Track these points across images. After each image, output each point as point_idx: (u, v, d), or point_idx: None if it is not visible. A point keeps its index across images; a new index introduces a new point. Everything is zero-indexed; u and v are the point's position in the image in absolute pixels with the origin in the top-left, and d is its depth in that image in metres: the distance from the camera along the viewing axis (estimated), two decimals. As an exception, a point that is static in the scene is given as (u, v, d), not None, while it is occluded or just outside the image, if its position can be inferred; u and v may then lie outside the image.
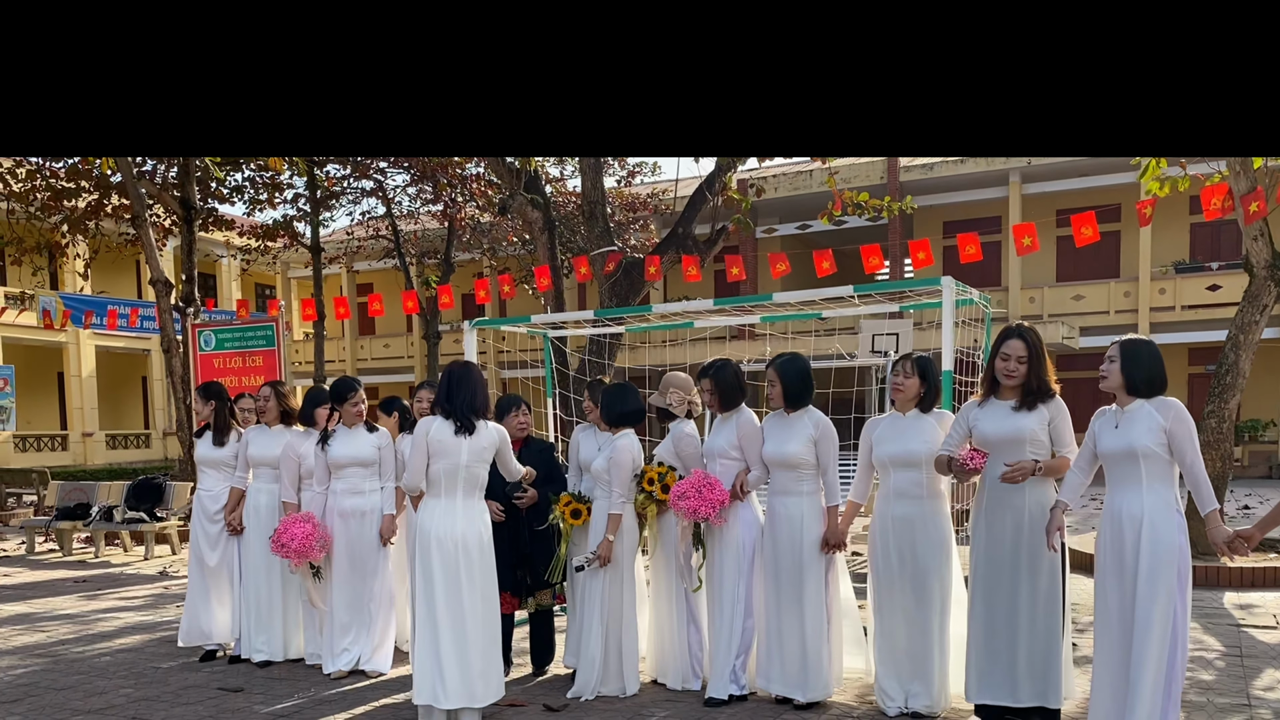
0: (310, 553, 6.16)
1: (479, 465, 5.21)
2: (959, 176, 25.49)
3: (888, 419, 5.42)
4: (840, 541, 5.42)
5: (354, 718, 5.41)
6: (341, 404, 6.34)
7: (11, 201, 18.37)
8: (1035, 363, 4.85)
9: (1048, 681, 4.84)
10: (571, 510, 5.87)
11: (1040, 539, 4.78)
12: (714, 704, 5.47)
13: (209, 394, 7.01)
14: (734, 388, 5.73)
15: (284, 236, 22.69)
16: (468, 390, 5.18)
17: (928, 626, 5.20)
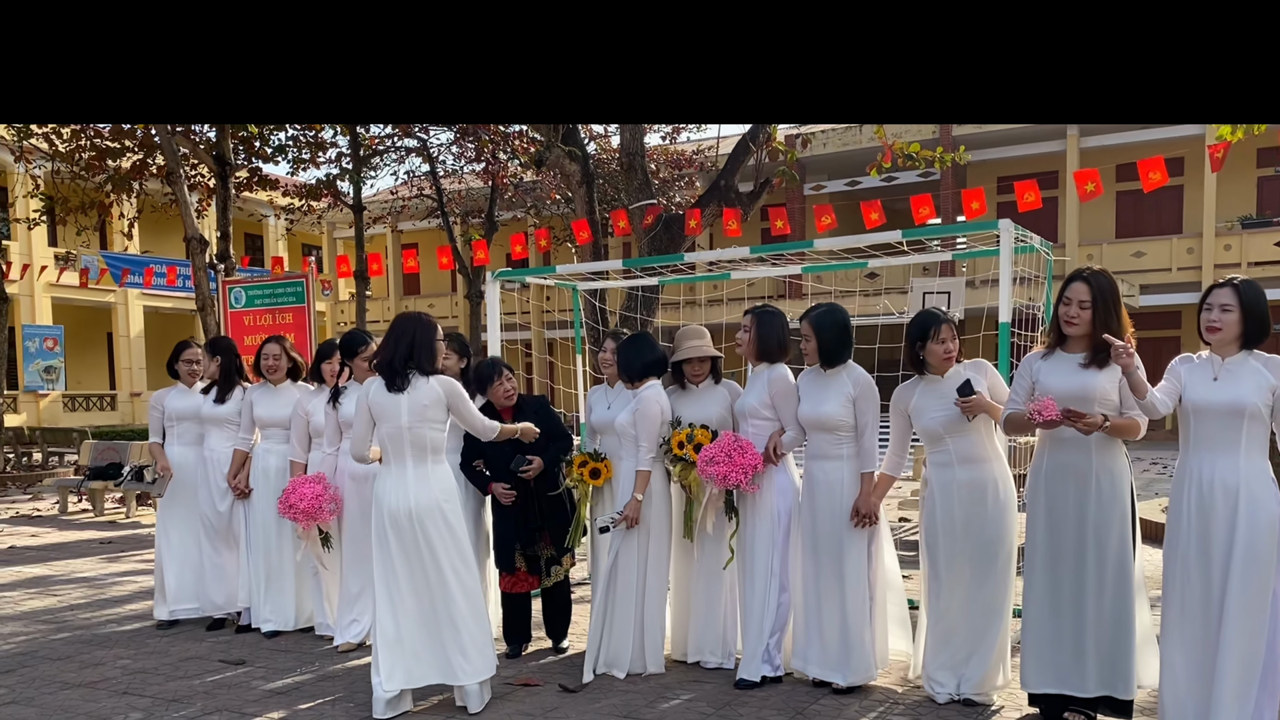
0: (320, 514, 5.71)
1: (424, 426, 4.65)
2: (1015, 130, 24.46)
3: (923, 385, 4.80)
4: (871, 513, 4.86)
5: (355, 695, 4.97)
6: (351, 359, 5.87)
7: (57, 161, 18.21)
8: (1101, 310, 4.22)
9: (1116, 669, 4.25)
10: (590, 471, 5.35)
11: (1109, 510, 4.19)
12: (745, 686, 4.96)
13: (215, 349, 6.57)
14: (776, 337, 5.16)
15: (327, 196, 22.40)
16: (402, 342, 4.63)
17: (991, 605, 4.63)
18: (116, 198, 19.26)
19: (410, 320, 4.74)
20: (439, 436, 4.72)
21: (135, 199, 19.86)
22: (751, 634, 5.06)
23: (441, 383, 4.71)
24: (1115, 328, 4.19)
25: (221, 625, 6.44)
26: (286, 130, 20.36)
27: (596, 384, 5.76)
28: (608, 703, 4.78)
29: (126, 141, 17.60)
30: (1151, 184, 8.35)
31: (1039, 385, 4.37)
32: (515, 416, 5.61)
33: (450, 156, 24.57)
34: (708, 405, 5.29)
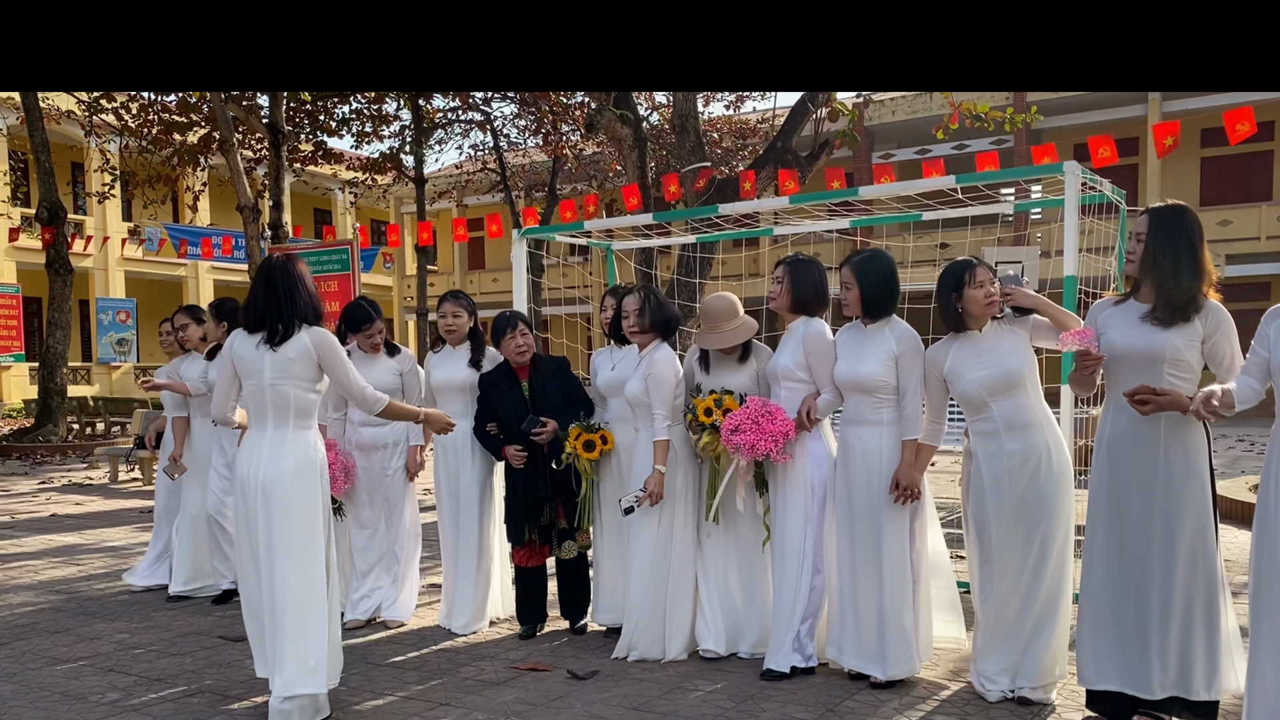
0: (334, 483, 5.22)
1: (288, 383, 3.96)
2: (1086, 97, 23.25)
3: (959, 343, 4.18)
4: (913, 486, 4.27)
5: (350, 677, 4.55)
6: (356, 334, 5.39)
7: (126, 136, 18.24)
8: (1156, 245, 3.58)
9: (1189, 668, 3.62)
10: (584, 443, 4.85)
11: (1182, 486, 3.56)
12: (772, 677, 4.42)
13: (220, 313, 6.12)
14: (813, 287, 4.57)
15: (391, 169, 22.19)
16: (271, 290, 3.97)
17: (1049, 591, 4.03)
18: (182, 171, 19.27)
19: (275, 265, 4.08)
20: (306, 398, 4.02)
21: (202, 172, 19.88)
22: (781, 620, 4.51)
23: (313, 335, 4.02)
24: (1184, 273, 3.55)
25: (230, 597, 6.07)
26: (350, 103, 20.20)
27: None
28: (618, 692, 4.29)
29: (193, 116, 17.54)
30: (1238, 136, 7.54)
31: (1104, 340, 3.74)
32: (531, 376, 5.15)
33: (515, 130, 24.24)
34: (733, 375, 4.75)
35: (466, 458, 5.32)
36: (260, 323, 3.98)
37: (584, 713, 4.04)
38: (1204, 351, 3.61)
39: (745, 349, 4.76)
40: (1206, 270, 3.62)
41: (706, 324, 4.71)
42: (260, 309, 3.98)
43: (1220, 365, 3.61)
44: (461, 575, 5.30)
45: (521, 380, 5.16)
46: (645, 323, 4.81)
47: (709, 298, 4.78)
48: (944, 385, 4.23)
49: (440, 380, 5.36)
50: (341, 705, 4.17)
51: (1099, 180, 5.13)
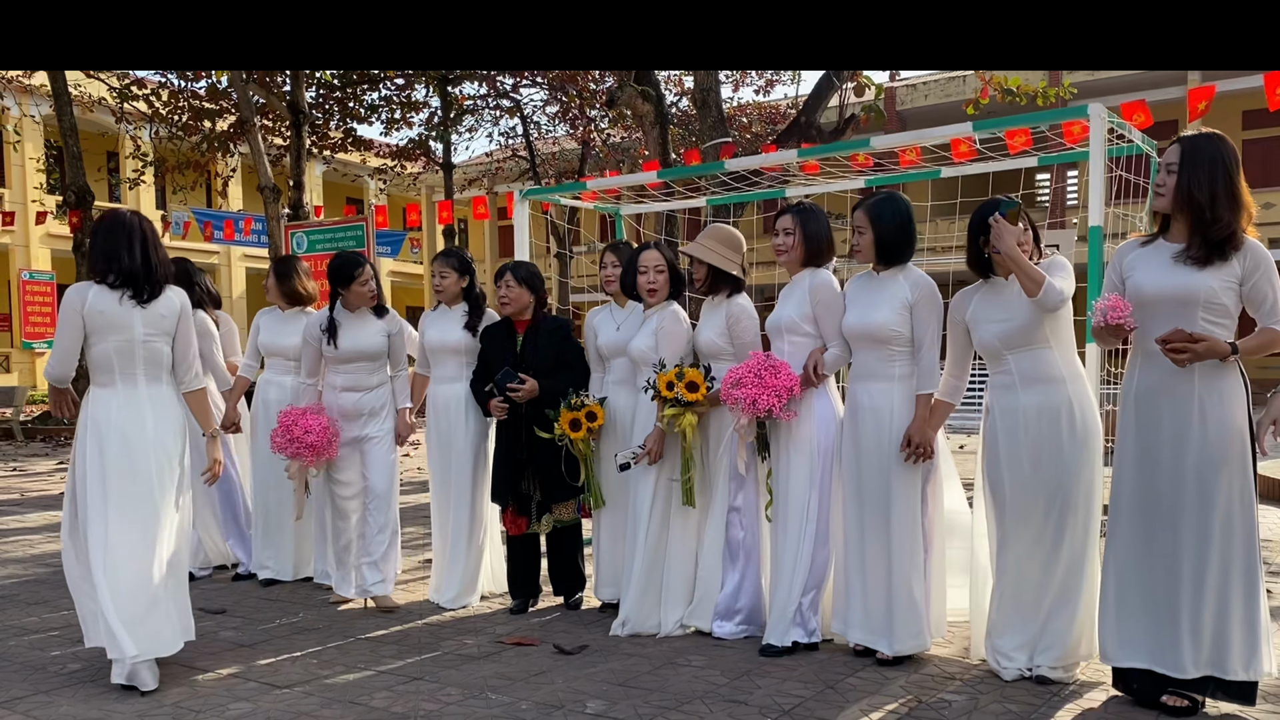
0: (330, 449, 4.91)
1: (160, 339, 3.92)
2: (1130, 76, 22.63)
3: (981, 291, 3.83)
4: (926, 444, 3.91)
5: (324, 651, 4.28)
6: (348, 286, 5.01)
7: (157, 123, 18.18)
8: (1191, 176, 3.21)
9: (1225, 643, 3.25)
10: (570, 422, 4.53)
11: (1218, 444, 3.19)
12: (771, 653, 4.08)
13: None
14: (825, 236, 4.25)
15: (420, 157, 22.02)
16: (142, 246, 3.86)
17: (1071, 561, 3.66)
18: (212, 157, 19.19)
19: (136, 220, 3.95)
20: (171, 355, 3.99)
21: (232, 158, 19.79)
22: (781, 592, 4.16)
23: (178, 294, 4.02)
24: (1222, 205, 3.19)
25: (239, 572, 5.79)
26: (379, 90, 20.05)
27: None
28: (605, 668, 3.97)
29: (223, 103, 17.44)
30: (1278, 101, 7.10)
31: (1130, 284, 3.37)
32: (527, 331, 4.86)
33: (545, 118, 23.99)
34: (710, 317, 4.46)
35: (460, 422, 5.02)
36: (131, 278, 3.86)
37: (565, 688, 3.73)
38: (1243, 294, 3.23)
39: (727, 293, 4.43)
40: (1245, 203, 3.24)
41: (701, 236, 4.40)
42: (130, 264, 3.86)
43: (1261, 309, 3.23)
44: (452, 546, 5.01)
45: (518, 335, 4.87)
46: (664, 279, 4.53)
47: (723, 225, 4.50)
48: (968, 335, 3.87)
49: (434, 341, 5.07)
50: (311, 678, 3.89)
51: (1128, 127, 4.73)
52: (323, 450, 4.88)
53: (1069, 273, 3.72)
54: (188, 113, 17.91)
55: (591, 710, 3.48)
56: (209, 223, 14.94)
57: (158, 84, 18.11)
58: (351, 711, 3.51)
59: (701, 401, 4.27)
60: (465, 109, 22.57)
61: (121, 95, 17.76)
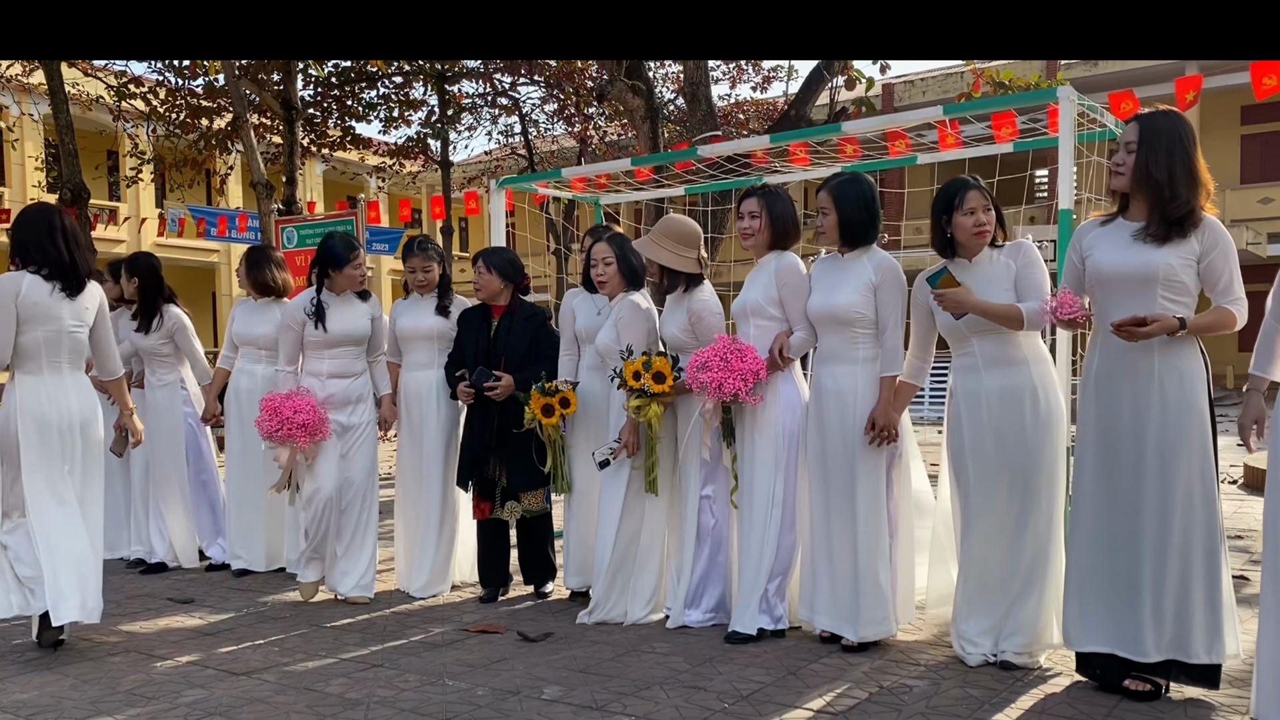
0: (321, 429, 4.74)
1: (83, 330, 4.12)
2: (1128, 72, 22.49)
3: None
4: (890, 427, 3.85)
5: (287, 639, 4.23)
6: (340, 268, 4.87)
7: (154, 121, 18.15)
8: (1150, 154, 3.17)
9: (1188, 626, 3.20)
10: (543, 407, 4.46)
11: (1178, 423, 3.14)
12: (737, 640, 4.02)
13: (134, 270, 5.67)
14: (792, 219, 4.19)
15: (419, 155, 21.98)
16: (71, 240, 4.03)
17: (1036, 545, 3.60)
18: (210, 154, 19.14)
19: (60, 214, 4.14)
20: (87, 345, 4.20)
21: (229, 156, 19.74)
22: (747, 578, 4.10)
23: (96, 287, 4.22)
24: (1180, 183, 3.15)
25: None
26: (377, 89, 20.02)
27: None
28: (568, 655, 3.91)
29: (220, 101, 17.39)
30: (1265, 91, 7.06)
31: (1089, 263, 3.32)
32: (503, 319, 4.82)
33: (543, 116, 23.96)
34: (671, 313, 4.39)
35: (431, 409, 4.97)
36: (63, 271, 4.01)
37: (524, 674, 3.67)
38: (1200, 271, 3.18)
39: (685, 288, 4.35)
40: (1203, 181, 3.20)
41: (653, 232, 4.34)
42: (58, 257, 4.02)
43: (1216, 287, 3.20)
44: (423, 534, 4.95)
45: (494, 319, 4.82)
46: (613, 271, 4.46)
47: (677, 216, 4.43)
48: (931, 317, 3.81)
49: (406, 328, 5.01)
50: (269, 665, 3.84)
51: (1099, 111, 4.67)
52: (315, 430, 4.72)
53: (1037, 258, 3.66)
54: (185, 111, 17.88)
55: (548, 696, 3.43)
56: (202, 219, 14.88)
57: (155, 82, 18.08)
58: (305, 698, 3.46)
59: (668, 392, 4.21)
60: (463, 107, 22.53)
61: (119, 93, 17.74)
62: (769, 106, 22.79)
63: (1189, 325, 3.12)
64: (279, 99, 14.17)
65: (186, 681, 3.66)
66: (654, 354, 4.25)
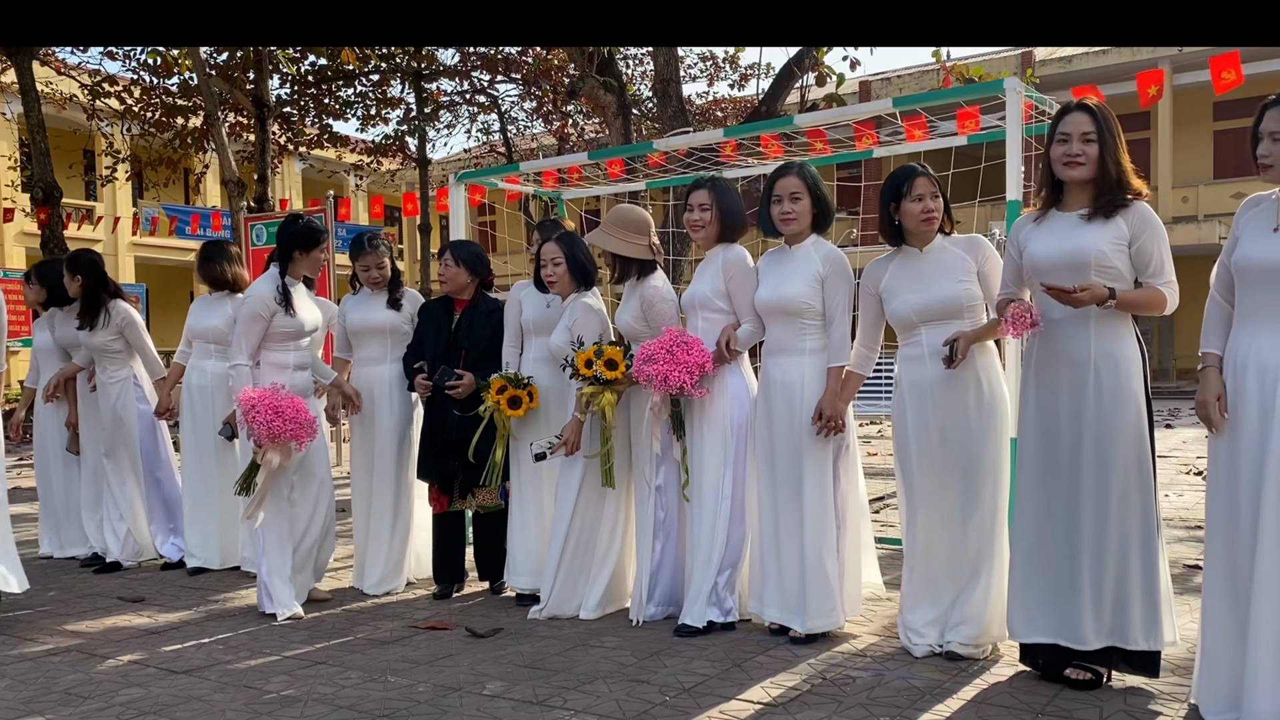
0: (312, 427, 4.48)
1: None
2: (1101, 69, 22.57)
3: (896, 261, 3.76)
4: (837, 416, 3.82)
5: (234, 637, 4.17)
6: (308, 251, 4.64)
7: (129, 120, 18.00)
8: (1109, 143, 3.16)
9: (1126, 613, 3.19)
10: (509, 399, 4.41)
11: (1114, 410, 3.13)
12: (686, 633, 3.99)
13: (76, 267, 5.58)
14: (740, 211, 4.17)
15: (396, 153, 21.88)
16: None
17: (981, 535, 3.58)
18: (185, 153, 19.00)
19: None
20: None
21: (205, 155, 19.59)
22: (697, 571, 4.07)
23: None
24: (1124, 170, 3.16)
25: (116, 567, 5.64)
26: (354, 86, 19.93)
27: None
28: (516, 650, 3.87)
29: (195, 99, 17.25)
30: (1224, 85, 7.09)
31: (1027, 256, 3.31)
32: (465, 312, 4.78)
33: (523, 113, 23.90)
34: (625, 304, 4.34)
35: (385, 404, 4.91)
36: None
37: (468, 670, 3.63)
38: (1131, 255, 3.18)
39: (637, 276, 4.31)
40: (1128, 165, 3.25)
41: (603, 222, 4.30)
42: None
43: (1147, 269, 3.20)
44: (376, 530, 4.89)
45: (456, 313, 4.78)
46: (562, 270, 4.41)
47: (627, 205, 4.40)
48: (880, 306, 3.79)
49: (358, 322, 4.95)
50: (212, 664, 3.79)
51: (1048, 103, 4.65)
52: (314, 427, 4.50)
53: (991, 252, 3.66)
54: (160, 109, 17.74)
55: (489, 691, 3.39)
56: (175, 218, 14.77)
57: (129, 81, 17.93)
58: (243, 695, 3.41)
59: (620, 380, 4.17)
60: (441, 104, 22.45)
61: (93, 92, 17.59)
62: (747, 104, 22.79)
63: (1120, 297, 3.10)
64: (251, 97, 14.05)
65: (125, 680, 3.60)
66: (606, 344, 4.21)
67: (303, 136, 19.82)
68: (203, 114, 17.48)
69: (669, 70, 11.70)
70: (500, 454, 4.49)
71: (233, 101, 15.54)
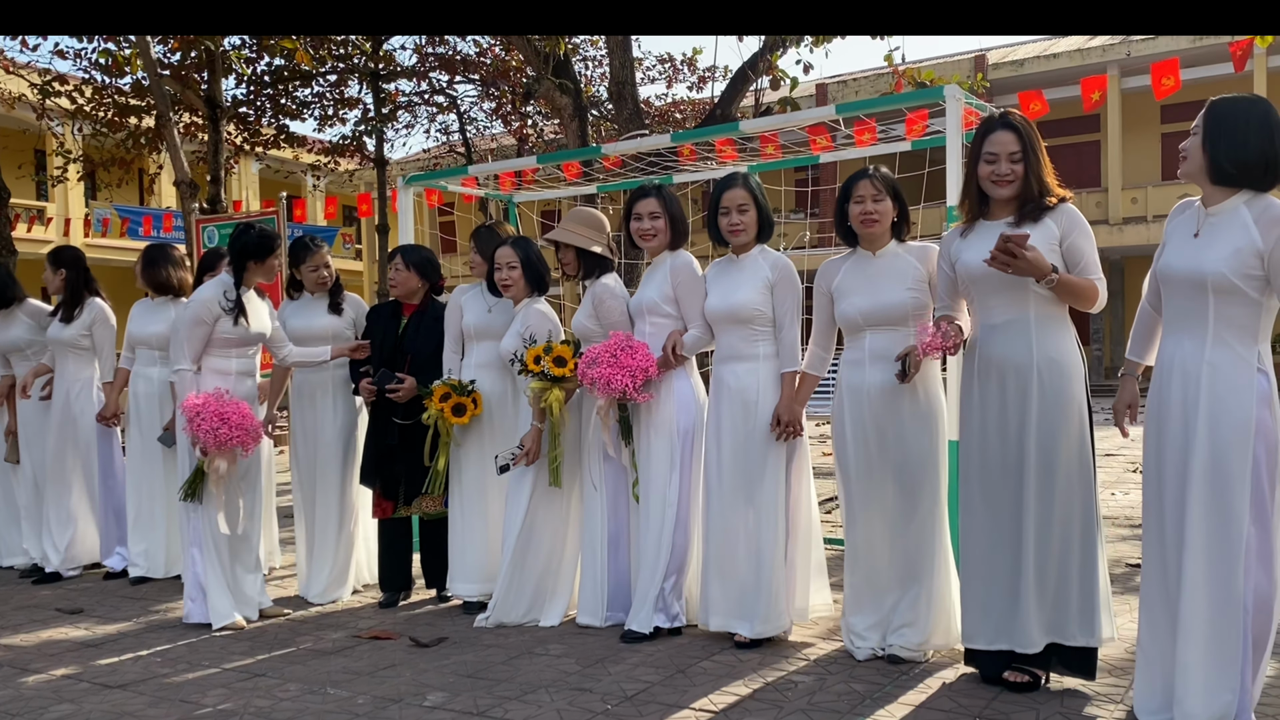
0: (259, 431, 4.44)
1: None
2: (1051, 73, 22.87)
3: (849, 262, 3.75)
4: (794, 421, 3.81)
5: (173, 649, 4.08)
6: (263, 260, 4.55)
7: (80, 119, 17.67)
8: (1033, 160, 3.20)
9: (1065, 609, 3.20)
10: (454, 406, 4.36)
11: (1054, 412, 3.15)
12: (632, 639, 3.96)
13: (59, 261, 5.50)
14: (683, 218, 4.17)
15: (354, 153, 21.67)
16: None
17: (921, 539, 3.58)
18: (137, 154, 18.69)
19: None
20: None
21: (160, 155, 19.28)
22: (643, 577, 4.04)
23: None
24: (1045, 179, 3.22)
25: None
26: (312, 86, 19.71)
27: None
28: (459, 659, 3.82)
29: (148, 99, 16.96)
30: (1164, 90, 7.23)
31: (959, 266, 3.32)
32: (413, 317, 4.72)
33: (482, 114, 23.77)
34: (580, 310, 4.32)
35: (327, 410, 4.84)
36: None
37: (410, 681, 3.57)
38: (1062, 253, 3.20)
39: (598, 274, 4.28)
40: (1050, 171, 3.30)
41: (563, 221, 4.28)
42: None
43: (1078, 265, 3.22)
44: (320, 538, 4.81)
45: (404, 318, 4.72)
46: (517, 275, 4.37)
47: (584, 208, 4.38)
48: (832, 307, 3.78)
49: (300, 328, 4.84)
50: (148, 677, 3.70)
51: (988, 109, 4.66)
52: (259, 434, 4.42)
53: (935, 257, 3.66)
54: (112, 109, 17.43)
55: (430, 703, 3.33)
56: (127, 219, 14.51)
57: (81, 80, 17.60)
58: (177, 710, 3.33)
59: (569, 377, 4.13)
60: (399, 105, 22.26)
61: (43, 91, 17.24)
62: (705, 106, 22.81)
63: (1061, 276, 3.10)
64: (204, 98, 13.84)
65: (57, 696, 3.51)
66: (561, 342, 4.17)
67: (259, 137, 19.56)
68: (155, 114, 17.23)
69: (625, 73, 11.68)
70: (443, 462, 4.43)
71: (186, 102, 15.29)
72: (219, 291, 4.49)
